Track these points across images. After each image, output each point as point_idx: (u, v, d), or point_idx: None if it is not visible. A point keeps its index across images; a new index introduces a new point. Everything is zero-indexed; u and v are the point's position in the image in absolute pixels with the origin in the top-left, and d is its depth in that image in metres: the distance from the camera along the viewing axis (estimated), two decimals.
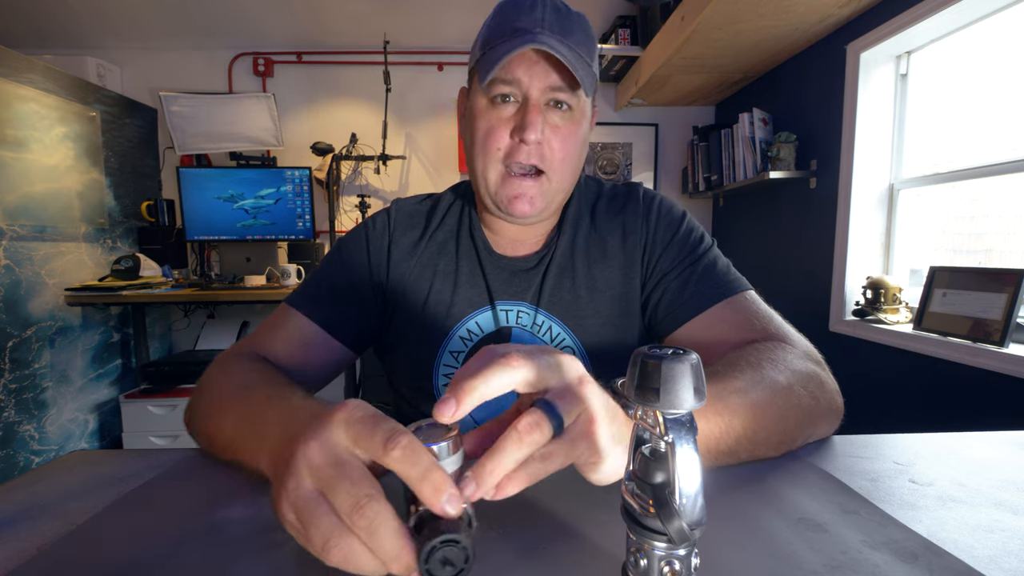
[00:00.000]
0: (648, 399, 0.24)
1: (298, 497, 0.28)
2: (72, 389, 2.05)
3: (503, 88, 0.58)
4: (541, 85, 0.57)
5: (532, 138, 0.57)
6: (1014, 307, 1.23)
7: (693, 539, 0.25)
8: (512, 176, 0.60)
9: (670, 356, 0.24)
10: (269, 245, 2.45)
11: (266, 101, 2.52)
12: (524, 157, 0.59)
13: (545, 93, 0.58)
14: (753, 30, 1.78)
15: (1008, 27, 1.39)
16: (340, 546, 0.27)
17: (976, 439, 0.53)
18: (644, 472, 0.26)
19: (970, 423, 1.31)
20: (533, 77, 0.57)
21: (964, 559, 0.33)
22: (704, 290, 0.63)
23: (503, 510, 0.37)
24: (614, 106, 2.74)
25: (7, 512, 0.40)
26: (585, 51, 0.59)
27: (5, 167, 1.77)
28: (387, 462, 0.27)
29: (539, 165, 0.59)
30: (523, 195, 0.60)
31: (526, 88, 0.57)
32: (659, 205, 0.70)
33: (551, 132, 0.59)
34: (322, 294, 0.66)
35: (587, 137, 0.65)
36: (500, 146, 0.59)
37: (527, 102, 0.58)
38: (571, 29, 0.58)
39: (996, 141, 1.45)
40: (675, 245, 0.67)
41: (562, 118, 0.60)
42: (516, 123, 0.58)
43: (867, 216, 1.76)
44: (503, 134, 0.59)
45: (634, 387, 0.24)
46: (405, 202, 0.73)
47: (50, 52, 2.41)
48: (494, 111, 0.59)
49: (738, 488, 0.42)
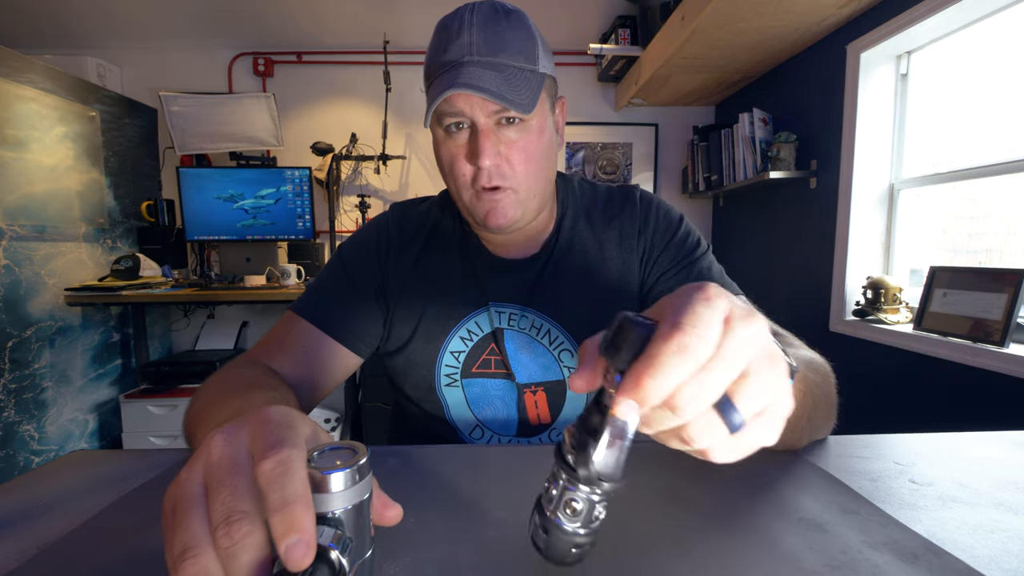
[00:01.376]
0: (611, 356, 0.25)
1: (183, 492, 0.25)
2: (72, 389, 2.05)
3: (451, 120, 0.59)
4: (484, 112, 0.58)
5: (486, 164, 0.58)
6: (1014, 307, 1.23)
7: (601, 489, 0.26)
8: (484, 192, 0.61)
9: (639, 320, 0.25)
10: (269, 245, 2.45)
11: (266, 101, 2.52)
12: (486, 180, 0.59)
13: (491, 117, 0.58)
14: (753, 30, 1.78)
15: (1008, 27, 1.39)
16: (196, 562, 0.23)
17: (976, 439, 0.53)
18: (587, 413, 0.27)
19: (970, 423, 1.31)
20: (475, 106, 0.57)
21: (964, 559, 0.33)
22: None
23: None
24: (614, 106, 2.74)
25: (7, 512, 0.40)
26: (523, 56, 0.58)
27: (5, 167, 1.77)
28: (255, 475, 0.24)
29: (501, 184, 0.60)
30: (494, 209, 0.61)
31: (470, 116, 0.58)
32: (656, 208, 0.71)
33: (507, 148, 0.59)
34: (325, 299, 0.67)
35: (553, 137, 0.65)
36: (464, 172, 0.60)
37: (475, 128, 0.59)
38: (501, 42, 0.57)
39: (996, 141, 1.45)
40: (672, 248, 0.68)
41: (517, 131, 0.60)
42: (468, 151, 0.59)
43: (867, 216, 1.76)
44: (463, 162, 0.60)
45: (606, 342, 0.25)
46: (403, 206, 0.74)
47: (50, 52, 2.41)
48: (451, 140, 0.60)
49: (738, 488, 0.42)
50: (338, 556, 0.24)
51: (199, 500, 0.25)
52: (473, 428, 0.69)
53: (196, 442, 0.44)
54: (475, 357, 0.67)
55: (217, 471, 0.25)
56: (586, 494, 0.27)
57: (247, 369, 0.58)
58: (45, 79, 1.93)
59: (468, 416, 0.68)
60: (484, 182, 0.59)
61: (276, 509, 0.23)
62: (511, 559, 0.33)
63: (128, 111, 2.38)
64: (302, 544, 0.22)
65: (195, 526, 0.24)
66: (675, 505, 0.40)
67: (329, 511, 0.26)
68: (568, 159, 2.76)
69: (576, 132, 2.74)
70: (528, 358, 0.67)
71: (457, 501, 0.41)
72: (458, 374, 0.67)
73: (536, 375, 0.67)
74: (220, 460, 0.25)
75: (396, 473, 0.46)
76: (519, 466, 0.47)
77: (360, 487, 0.27)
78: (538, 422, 0.68)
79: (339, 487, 0.26)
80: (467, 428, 0.69)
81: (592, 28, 2.51)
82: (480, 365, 0.67)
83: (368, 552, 0.28)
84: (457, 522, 0.38)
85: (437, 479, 0.45)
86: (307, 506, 0.23)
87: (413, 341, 0.68)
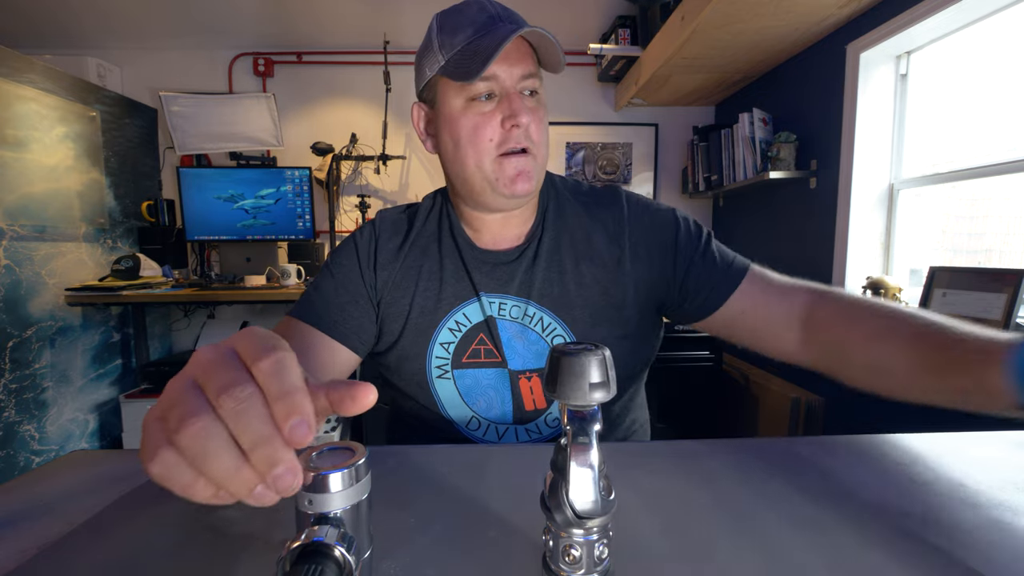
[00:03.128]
0: (551, 389, 0.25)
1: (171, 390, 0.24)
2: (72, 389, 2.05)
3: (483, 86, 0.61)
4: (514, 76, 0.62)
5: (524, 120, 0.61)
6: (1014, 307, 1.23)
7: (584, 527, 0.26)
8: (508, 157, 0.63)
9: (571, 351, 0.25)
10: (269, 245, 2.45)
11: (266, 101, 2.52)
12: (516, 141, 0.62)
13: (518, 83, 0.62)
14: (753, 30, 1.78)
15: (1008, 27, 1.39)
16: (197, 424, 0.22)
17: (976, 439, 0.53)
18: (554, 459, 0.27)
19: (970, 423, 1.31)
20: (506, 70, 0.61)
21: (964, 559, 0.33)
22: (725, 271, 0.67)
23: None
24: (614, 106, 2.74)
25: (7, 512, 0.40)
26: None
27: (5, 167, 1.77)
28: (255, 371, 0.24)
29: (528, 146, 0.63)
30: (523, 171, 0.63)
31: (503, 81, 0.61)
32: (646, 206, 0.73)
33: (530, 116, 0.63)
34: (320, 302, 0.68)
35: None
36: (492, 136, 0.62)
37: (507, 93, 0.62)
38: (521, 19, 0.63)
39: (996, 141, 1.45)
40: (682, 241, 0.69)
41: (534, 102, 0.64)
42: (504, 113, 0.62)
43: (867, 216, 1.76)
44: (491, 125, 0.62)
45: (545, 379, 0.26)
46: (388, 212, 0.77)
47: (50, 52, 2.41)
48: (472, 109, 0.62)
49: (738, 488, 0.42)
50: (343, 553, 0.25)
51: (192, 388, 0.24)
52: (469, 420, 0.69)
53: None
54: (464, 348, 0.68)
55: (210, 367, 0.24)
56: (580, 537, 0.26)
57: None
58: (45, 79, 1.93)
59: (462, 408, 0.69)
60: (516, 142, 0.62)
61: (277, 398, 0.23)
62: (511, 559, 0.33)
63: (128, 111, 2.38)
64: (304, 424, 0.23)
65: (190, 401, 0.23)
66: (675, 505, 0.40)
67: (330, 511, 0.26)
68: (568, 159, 2.76)
69: (576, 132, 2.74)
70: (521, 345, 0.68)
71: (457, 501, 0.41)
72: (449, 365, 0.68)
73: (530, 362, 0.68)
74: (212, 360, 0.25)
75: (396, 473, 0.46)
76: (519, 466, 0.47)
77: (359, 487, 0.27)
78: (533, 407, 0.68)
79: (339, 487, 0.26)
80: (463, 420, 0.69)
81: (592, 28, 2.51)
82: (470, 355, 0.68)
83: (367, 551, 0.28)
84: (457, 522, 0.38)
85: (437, 479, 0.45)
86: (306, 395, 0.23)
87: (403, 336, 0.69)
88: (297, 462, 0.23)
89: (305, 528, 0.26)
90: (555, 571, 0.27)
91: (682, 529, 0.36)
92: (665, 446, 0.53)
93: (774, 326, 0.63)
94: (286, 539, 0.26)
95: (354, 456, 0.28)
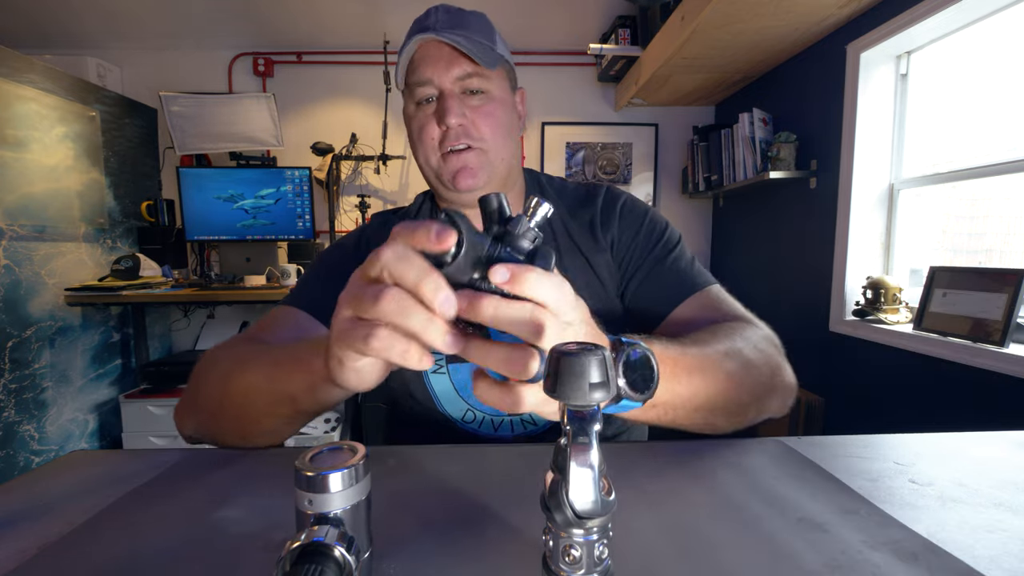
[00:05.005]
0: (551, 389, 0.25)
1: (349, 295, 0.33)
2: (72, 389, 2.05)
3: (422, 91, 0.65)
4: (449, 77, 0.64)
5: (453, 121, 0.64)
6: (1014, 307, 1.23)
7: (584, 527, 0.26)
8: (451, 154, 0.66)
9: (571, 351, 0.25)
10: (269, 245, 2.45)
11: (266, 101, 2.51)
12: (453, 139, 0.65)
13: (456, 84, 0.65)
14: (753, 30, 1.78)
15: (1008, 27, 1.39)
16: (390, 291, 0.29)
17: (976, 439, 0.53)
18: (554, 459, 0.27)
19: (970, 423, 1.31)
20: (440, 72, 0.64)
21: (964, 559, 0.33)
22: (675, 286, 0.68)
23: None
24: (614, 106, 2.74)
25: (7, 512, 0.40)
26: (483, 36, 0.66)
27: (5, 167, 1.77)
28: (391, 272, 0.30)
29: (469, 143, 0.66)
30: (464, 167, 0.66)
31: (438, 83, 0.64)
32: (623, 203, 0.74)
33: (472, 113, 0.66)
34: (311, 291, 0.69)
35: (514, 120, 0.71)
36: (433, 136, 0.66)
37: (442, 94, 0.65)
38: (463, 22, 0.66)
39: (996, 141, 1.45)
40: (640, 243, 0.71)
41: (480, 99, 0.66)
42: (437, 114, 0.65)
43: (867, 216, 1.76)
44: (432, 126, 0.66)
45: (545, 380, 0.26)
46: (378, 214, 0.80)
47: (50, 52, 2.41)
48: (421, 111, 0.67)
49: (738, 488, 0.42)
50: (343, 553, 0.25)
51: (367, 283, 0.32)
52: (464, 413, 0.69)
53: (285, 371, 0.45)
54: None
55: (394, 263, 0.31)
56: (580, 537, 0.26)
57: (244, 344, 0.59)
58: (45, 79, 1.93)
59: (458, 402, 0.69)
60: (452, 141, 0.65)
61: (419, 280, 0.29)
62: (511, 559, 0.33)
63: (128, 111, 2.38)
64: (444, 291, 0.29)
65: (373, 287, 0.31)
66: (675, 505, 0.40)
67: (330, 511, 0.26)
68: (568, 159, 2.76)
69: (576, 132, 2.74)
70: (512, 337, 0.68)
71: (457, 501, 0.41)
72: (443, 359, 0.69)
73: None
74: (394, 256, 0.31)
75: (396, 473, 0.46)
76: (519, 466, 0.47)
77: (359, 487, 0.27)
78: None
79: (338, 487, 0.26)
80: (459, 414, 0.70)
81: (592, 28, 2.51)
82: None
83: (367, 551, 0.28)
84: (457, 522, 0.38)
85: (437, 479, 0.45)
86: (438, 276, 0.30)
87: None
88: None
89: (305, 528, 0.26)
90: (555, 571, 0.27)
91: (682, 529, 0.36)
92: (665, 446, 0.53)
93: None
94: (286, 539, 0.26)
95: (354, 456, 0.28)
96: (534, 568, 0.32)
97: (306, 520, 0.26)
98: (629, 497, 0.41)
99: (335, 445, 0.29)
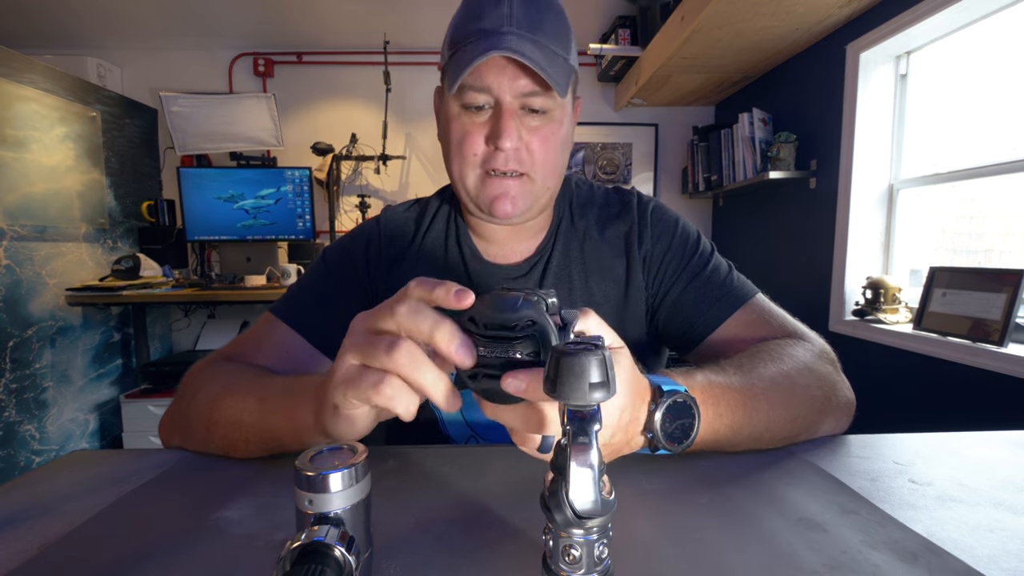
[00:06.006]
0: (551, 389, 0.25)
1: (353, 342, 0.35)
2: (72, 389, 2.05)
3: (474, 97, 0.56)
4: (513, 91, 0.55)
5: (508, 145, 0.55)
6: (1013, 307, 1.23)
7: (584, 527, 0.26)
8: (492, 177, 0.58)
9: (571, 351, 0.25)
10: (269, 245, 2.45)
11: (266, 101, 2.51)
12: (502, 163, 0.57)
13: (518, 99, 0.56)
14: (753, 30, 1.78)
15: (1008, 27, 1.39)
16: (403, 344, 0.32)
17: (976, 439, 0.53)
18: (554, 459, 0.27)
19: (970, 423, 1.31)
20: (504, 83, 0.54)
21: (964, 559, 0.33)
22: (717, 303, 0.62)
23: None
24: (614, 106, 2.74)
25: (7, 512, 0.40)
26: (559, 44, 0.55)
27: (5, 167, 1.77)
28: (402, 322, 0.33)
29: (519, 169, 0.58)
30: (505, 194, 0.58)
31: (497, 94, 0.55)
32: (654, 212, 0.68)
33: (529, 135, 0.57)
34: (306, 303, 0.65)
35: (570, 134, 0.63)
36: (476, 151, 0.57)
37: (500, 107, 0.55)
38: (541, 21, 0.54)
39: (996, 141, 1.45)
40: (675, 255, 0.66)
41: (540, 120, 0.57)
42: (490, 129, 0.56)
43: (867, 216, 1.76)
44: (478, 139, 0.57)
45: (546, 379, 0.26)
46: (393, 211, 0.72)
47: (50, 52, 2.41)
48: (467, 116, 0.57)
49: (738, 488, 0.42)
50: (343, 553, 0.25)
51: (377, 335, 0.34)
52: (468, 438, 0.67)
53: (276, 408, 0.45)
54: None
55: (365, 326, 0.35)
56: (580, 537, 0.26)
57: (242, 365, 0.57)
58: (45, 79, 1.93)
59: (461, 425, 0.67)
60: (499, 164, 0.56)
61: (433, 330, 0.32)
62: (511, 559, 0.33)
63: (128, 111, 2.38)
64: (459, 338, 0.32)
65: (384, 339, 0.33)
66: (675, 505, 0.40)
67: (330, 511, 0.26)
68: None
69: (576, 132, 2.72)
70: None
71: (457, 501, 0.41)
72: (453, 376, 0.67)
73: None
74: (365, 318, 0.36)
75: (396, 473, 0.46)
76: (519, 466, 0.47)
77: (360, 487, 0.27)
78: None
79: (339, 487, 0.26)
80: (462, 438, 0.67)
81: (592, 28, 2.51)
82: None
83: (367, 551, 0.28)
84: (457, 522, 0.38)
85: (437, 479, 0.45)
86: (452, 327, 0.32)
87: None
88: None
89: (305, 528, 0.26)
90: (555, 571, 0.27)
91: (682, 529, 0.36)
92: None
93: None
94: (286, 539, 0.26)
95: (354, 456, 0.28)
96: (534, 568, 0.32)
97: (306, 520, 0.26)
98: (629, 497, 0.41)
99: (335, 445, 0.29)
